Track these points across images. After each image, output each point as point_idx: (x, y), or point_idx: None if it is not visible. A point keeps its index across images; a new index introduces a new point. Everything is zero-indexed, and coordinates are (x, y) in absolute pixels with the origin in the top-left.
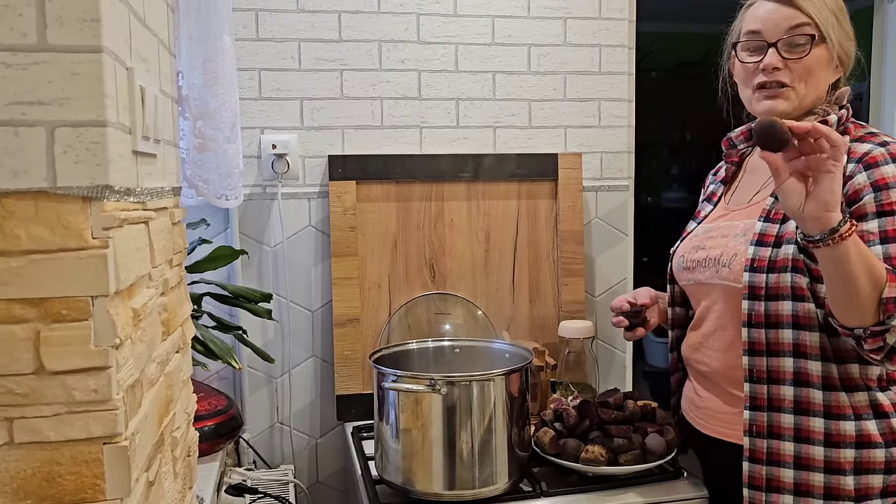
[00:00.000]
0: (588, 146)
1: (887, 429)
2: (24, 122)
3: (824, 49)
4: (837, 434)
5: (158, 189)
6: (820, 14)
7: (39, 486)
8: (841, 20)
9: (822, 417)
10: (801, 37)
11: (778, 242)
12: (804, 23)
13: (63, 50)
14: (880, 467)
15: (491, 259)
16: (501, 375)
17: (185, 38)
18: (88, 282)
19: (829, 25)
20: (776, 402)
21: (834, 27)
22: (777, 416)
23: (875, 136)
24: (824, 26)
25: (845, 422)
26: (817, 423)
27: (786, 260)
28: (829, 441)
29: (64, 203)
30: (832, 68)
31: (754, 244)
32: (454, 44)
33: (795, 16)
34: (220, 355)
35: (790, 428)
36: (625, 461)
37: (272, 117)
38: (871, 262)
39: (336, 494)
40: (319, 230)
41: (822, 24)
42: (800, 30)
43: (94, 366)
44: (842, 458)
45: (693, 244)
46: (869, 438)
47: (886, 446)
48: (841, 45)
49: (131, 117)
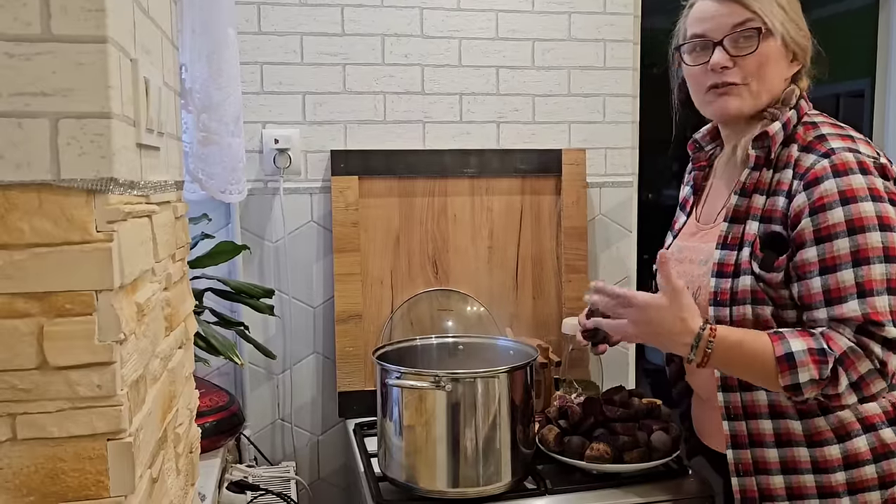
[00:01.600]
0: (592, 142)
1: (877, 442)
2: (28, 114)
3: (774, 42)
4: (824, 461)
5: (162, 183)
6: (765, 7)
7: (43, 482)
8: (789, 10)
9: (806, 446)
10: (747, 31)
11: (737, 272)
12: (749, 18)
13: (67, 40)
14: (874, 483)
15: (494, 255)
16: (506, 372)
17: (189, 30)
18: (93, 276)
19: (775, 17)
20: (757, 437)
21: (781, 18)
22: (761, 452)
23: (823, 140)
24: (771, 19)
25: (829, 447)
26: (802, 453)
27: (745, 291)
28: (818, 468)
29: (68, 196)
30: (786, 63)
31: (715, 276)
32: (458, 38)
33: (739, 12)
34: (221, 351)
35: (776, 462)
36: (630, 459)
37: (274, 111)
38: (751, 362)
39: (337, 491)
40: (321, 226)
41: (767, 16)
42: (745, 25)
43: (98, 361)
44: (833, 482)
45: None
46: (857, 458)
47: (875, 461)
48: (792, 36)
49: (135, 109)
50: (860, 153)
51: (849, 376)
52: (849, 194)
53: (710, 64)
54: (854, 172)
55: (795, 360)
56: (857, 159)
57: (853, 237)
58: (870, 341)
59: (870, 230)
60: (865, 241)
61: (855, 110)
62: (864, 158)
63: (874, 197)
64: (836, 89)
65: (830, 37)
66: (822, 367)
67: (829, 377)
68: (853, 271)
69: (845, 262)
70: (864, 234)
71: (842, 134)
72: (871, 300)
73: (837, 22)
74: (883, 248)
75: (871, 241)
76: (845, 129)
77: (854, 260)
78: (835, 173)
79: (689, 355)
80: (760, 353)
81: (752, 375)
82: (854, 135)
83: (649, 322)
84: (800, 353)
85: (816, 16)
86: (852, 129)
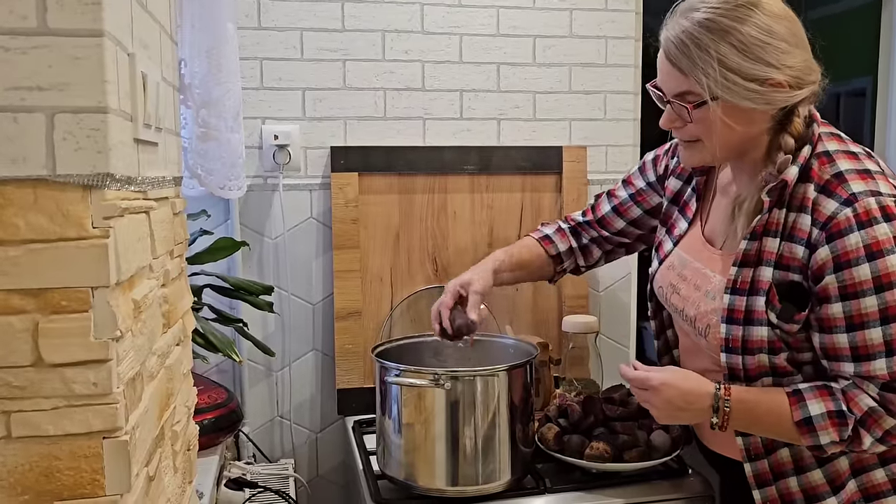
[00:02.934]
0: (593, 139)
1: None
2: (24, 108)
3: (717, 108)
4: (837, 475)
5: (160, 178)
6: (707, 75)
7: (37, 480)
8: (731, 63)
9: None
10: (681, 106)
11: (748, 319)
12: (686, 91)
13: (63, 34)
14: (887, 488)
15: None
16: (505, 371)
17: (188, 25)
18: (89, 272)
19: (717, 86)
20: (777, 467)
21: (721, 84)
22: (785, 483)
23: (843, 182)
24: (712, 89)
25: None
26: (817, 476)
27: (761, 342)
28: (834, 486)
29: (64, 191)
30: (745, 117)
31: (725, 321)
32: (458, 34)
33: (679, 80)
34: (220, 348)
35: (797, 491)
36: (629, 458)
37: (274, 107)
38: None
39: (336, 489)
40: (321, 222)
41: (708, 87)
42: (684, 98)
43: (93, 358)
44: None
45: (670, 280)
46: (861, 463)
47: (883, 464)
48: (749, 95)
49: (133, 104)
50: (882, 195)
51: (872, 434)
52: (875, 248)
53: (660, 122)
54: (878, 222)
55: (815, 425)
56: (881, 204)
57: (881, 294)
58: (895, 396)
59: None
60: (893, 298)
61: (856, 109)
62: (887, 202)
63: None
64: (838, 88)
65: (832, 35)
66: (843, 430)
67: (851, 436)
68: (881, 329)
69: (873, 320)
70: (891, 290)
71: (859, 170)
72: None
73: (839, 20)
74: None
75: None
76: (860, 159)
77: (883, 318)
78: (859, 225)
79: (713, 418)
80: (778, 415)
81: (776, 434)
82: (871, 168)
83: (669, 401)
84: (818, 417)
85: (818, 14)
86: (865, 153)
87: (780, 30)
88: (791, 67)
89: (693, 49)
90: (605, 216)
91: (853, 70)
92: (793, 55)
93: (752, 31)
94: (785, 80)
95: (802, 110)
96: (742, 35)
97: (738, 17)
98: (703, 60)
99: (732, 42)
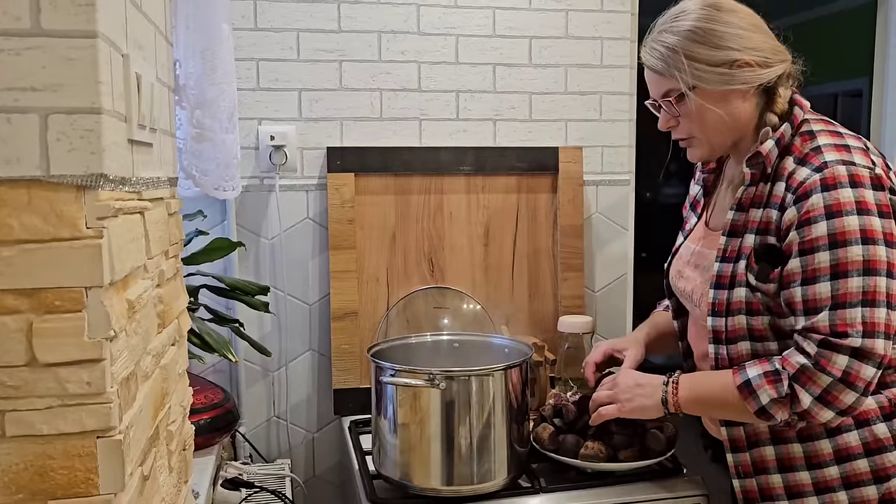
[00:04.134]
0: (589, 140)
1: (870, 437)
2: (17, 109)
3: (698, 98)
4: (815, 455)
5: (154, 179)
6: (678, 69)
7: (31, 480)
8: (706, 53)
9: (798, 442)
10: (667, 101)
11: (732, 283)
12: (667, 90)
13: (57, 35)
14: (868, 478)
15: (490, 253)
16: (501, 370)
17: (183, 26)
18: (82, 272)
19: (690, 76)
20: (753, 436)
21: (693, 74)
22: (759, 451)
23: (819, 153)
24: (687, 80)
25: (820, 440)
26: (796, 449)
27: (739, 303)
28: (811, 464)
29: (57, 192)
30: (730, 101)
31: (713, 287)
32: (454, 35)
33: (660, 81)
34: (216, 348)
35: (773, 460)
36: (624, 457)
37: (270, 108)
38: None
39: (332, 489)
40: (317, 223)
41: (683, 79)
42: (668, 95)
43: (87, 358)
44: (827, 476)
45: (678, 268)
46: (848, 452)
47: (867, 455)
48: (723, 78)
49: (127, 105)
50: (854, 165)
51: (809, 392)
52: (835, 208)
53: (658, 125)
54: (844, 186)
55: (753, 385)
56: (850, 172)
57: (834, 250)
58: (833, 353)
59: (851, 244)
60: (846, 255)
61: (853, 109)
62: (858, 171)
63: (860, 210)
64: (834, 88)
65: (829, 36)
66: (779, 386)
67: (789, 394)
68: (830, 284)
69: (824, 275)
70: (845, 247)
71: (838, 144)
72: (843, 312)
73: (836, 21)
74: (863, 261)
75: (851, 254)
76: (843, 136)
77: (833, 273)
78: (824, 187)
79: (664, 387)
80: (724, 384)
81: (728, 410)
82: (851, 143)
83: (628, 382)
84: (755, 377)
85: (815, 15)
86: (852, 134)
87: (735, 20)
88: (754, 49)
89: (664, 52)
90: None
91: (849, 70)
92: (753, 39)
93: (710, 25)
94: (751, 59)
95: (783, 91)
96: (702, 30)
97: (698, 17)
98: (673, 59)
99: (695, 38)
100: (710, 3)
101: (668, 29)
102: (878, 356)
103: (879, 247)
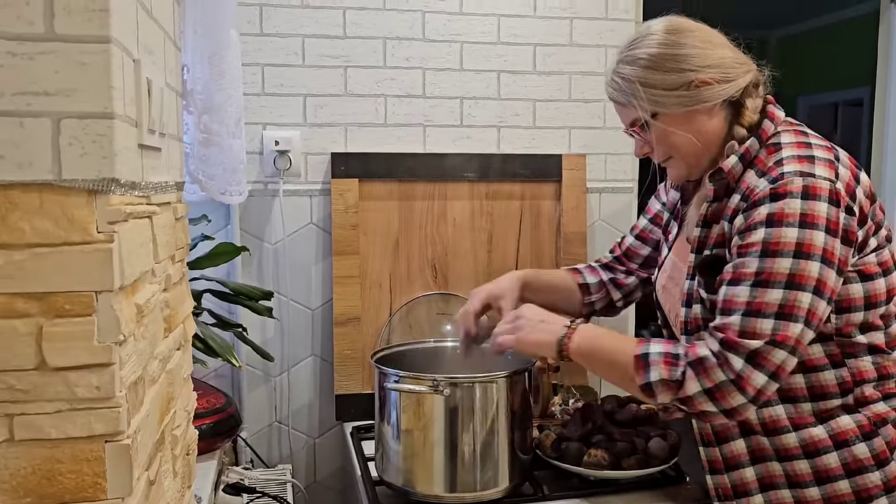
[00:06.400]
0: (592, 147)
1: (850, 458)
2: (30, 113)
3: (661, 122)
4: (795, 475)
5: (162, 184)
6: (637, 98)
7: (39, 484)
8: (661, 79)
9: (777, 461)
10: (636, 132)
11: (689, 301)
12: (633, 119)
13: (70, 40)
14: (850, 499)
15: (493, 260)
16: (504, 377)
17: (191, 31)
18: (93, 276)
19: (649, 103)
20: (732, 459)
21: (651, 101)
22: (739, 473)
23: (780, 165)
24: (646, 108)
25: (798, 461)
26: (776, 468)
27: (696, 320)
28: (791, 482)
29: (69, 196)
30: (696, 120)
31: (684, 305)
32: (459, 42)
33: (623, 112)
34: (219, 353)
35: (754, 481)
36: (627, 465)
37: (275, 113)
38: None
39: (334, 494)
40: (321, 228)
41: (642, 109)
42: (634, 125)
43: (97, 362)
44: (809, 497)
45: (662, 282)
46: (827, 473)
47: (848, 476)
48: (681, 101)
49: (138, 110)
50: (813, 177)
51: (701, 382)
52: (776, 217)
53: (634, 152)
54: (794, 197)
55: (649, 360)
56: (806, 184)
57: (763, 258)
58: (732, 354)
59: (782, 255)
60: (772, 265)
61: (854, 118)
62: (816, 183)
63: (804, 223)
64: (836, 98)
65: (830, 46)
66: (673, 370)
67: (680, 381)
68: (749, 290)
69: (746, 280)
70: (773, 258)
71: (801, 156)
72: (754, 320)
73: (837, 31)
74: (789, 274)
75: (778, 265)
76: (811, 147)
77: (755, 280)
78: (773, 197)
79: (561, 332)
80: (622, 349)
81: (612, 372)
82: (818, 155)
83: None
84: (655, 354)
85: (816, 25)
86: (824, 145)
87: (689, 41)
88: (710, 66)
89: (621, 83)
90: (631, 246)
91: (851, 80)
92: (709, 56)
93: (664, 49)
94: (709, 77)
95: (751, 102)
96: (655, 56)
97: (650, 44)
98: (631, 89)
99: (648, 65)
100: (662, 27)
101: (623, 59)
102: (772, 366)
103: (812, 262)
